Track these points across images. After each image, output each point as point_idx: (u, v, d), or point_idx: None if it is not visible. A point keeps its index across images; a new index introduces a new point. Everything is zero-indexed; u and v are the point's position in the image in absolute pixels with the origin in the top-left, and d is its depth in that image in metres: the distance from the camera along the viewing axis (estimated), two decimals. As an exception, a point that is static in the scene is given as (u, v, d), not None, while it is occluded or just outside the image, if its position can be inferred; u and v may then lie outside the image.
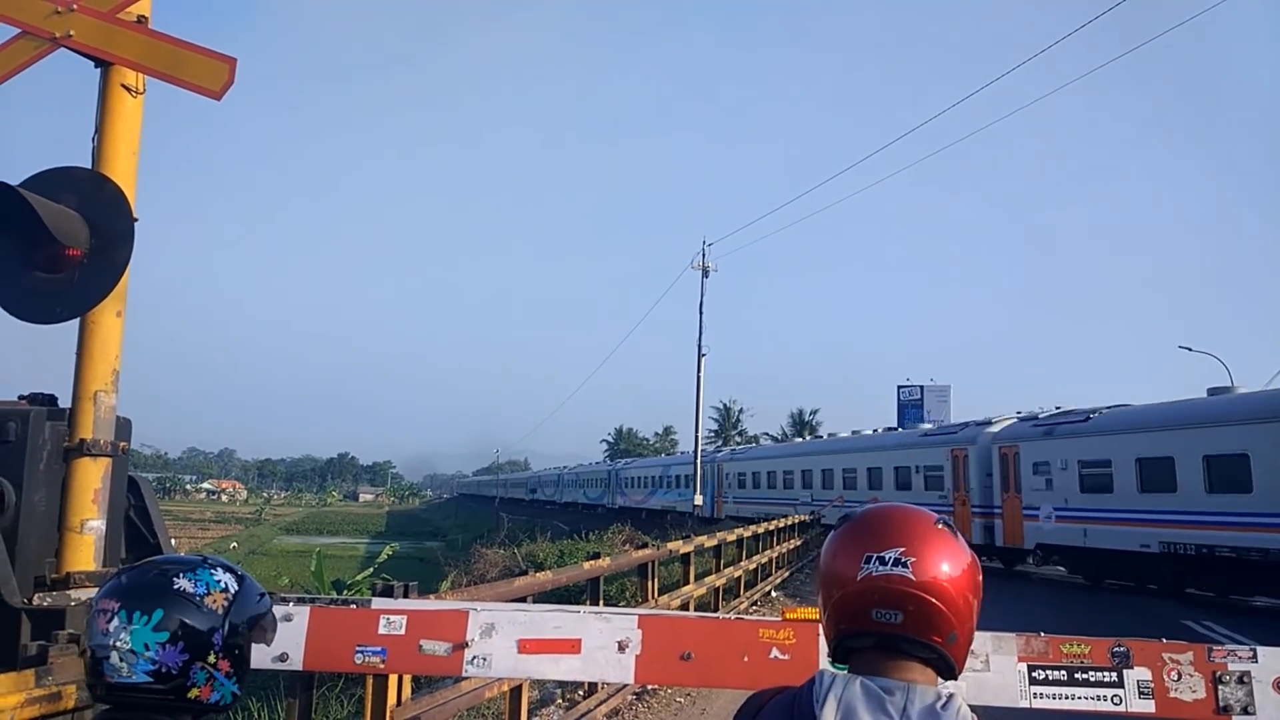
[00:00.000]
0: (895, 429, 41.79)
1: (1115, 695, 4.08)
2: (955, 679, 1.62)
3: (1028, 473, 24.16)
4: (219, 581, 1.78)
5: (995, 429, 26.85)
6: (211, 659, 1.73)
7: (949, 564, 1.58)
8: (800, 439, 58.33)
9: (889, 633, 1.57)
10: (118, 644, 1.66)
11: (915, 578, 1.55)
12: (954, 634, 1.58)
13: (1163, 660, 4.13)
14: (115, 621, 1.67)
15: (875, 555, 1.58)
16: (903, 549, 1.57)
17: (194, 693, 1.72)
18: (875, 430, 40.21)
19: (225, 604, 1.77)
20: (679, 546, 13.09)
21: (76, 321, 4.26)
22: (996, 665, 4.11)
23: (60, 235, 3.99)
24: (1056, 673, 4.12)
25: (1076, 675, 4.13)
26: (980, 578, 1.64)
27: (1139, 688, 4.09)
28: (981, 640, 4.13)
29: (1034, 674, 4.12)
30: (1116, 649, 4.15)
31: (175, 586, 1.72)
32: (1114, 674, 4.12)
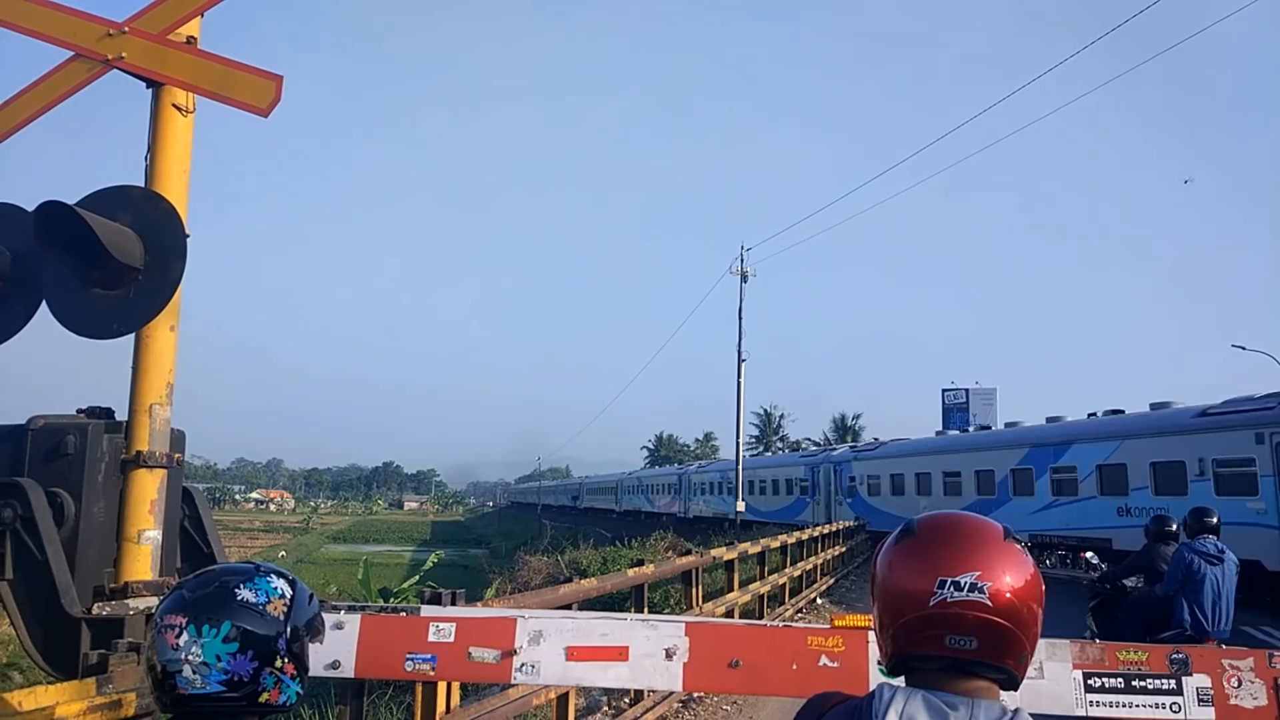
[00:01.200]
0: None
1: (1174, 703, 4.01)
2: (1016, 690, 1.58)
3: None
4: (276, 589, 1.85)
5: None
6: (278, 663, 1.81)
7: (1020, 582, 1.52)
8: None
9: (961, 658, 1.51)
10: (189, 657, 1.72)
11: (992, 604, 1.49)
12: (1025, 654, 1.53)
13: (1222, 667, 4.06)
14: (184, 636, 1.73)
15: (950, 580, 1.50)
16: (979, 572, 1.50)
17: (264, 697, 1.79)
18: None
19: (285, 610, 1.84)
20: (723, 553, 13.05)
21: (132, 336, 4.35)
22: (1051, 673, 4.07)
23: (117, 252, 4.07)
24: (1113, 680, 4.06)
25: (1134, 683, 4.06)
26: (1043, 587, 1.58)
27: (1198, 695, 4.02)
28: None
29: (1090, 682, 4.06)
30: (1175, 656, 4.09)
31: (238, 597, 1.79)
32: (1172, 681, 4.05)
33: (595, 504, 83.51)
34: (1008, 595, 1.50)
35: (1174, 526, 9.16)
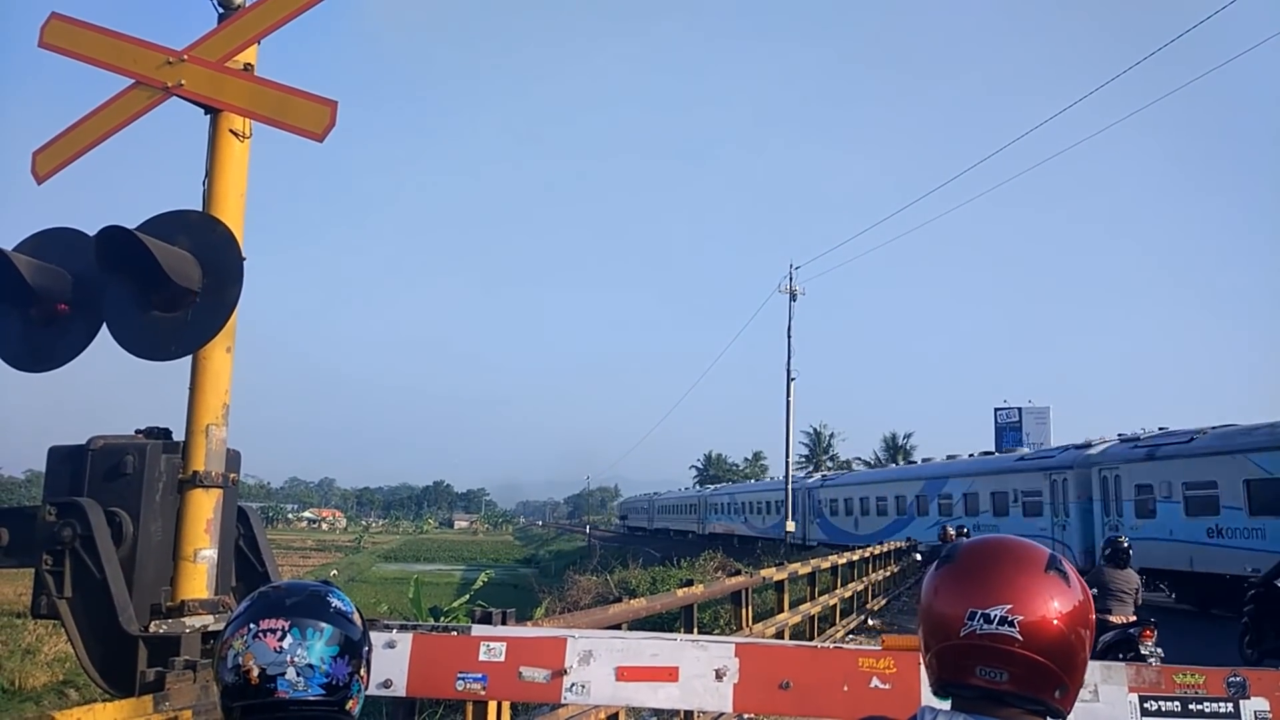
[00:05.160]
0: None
1: (1233, 727, 3.91)
2: None
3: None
4: (350, 601, 1.87)
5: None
6: (362, 671, 1.83)
7: (1060, 616, 1.47)
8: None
9: (994, 690, 1.48)
10: (294, 660, 1.72)
11: (1023, 638, 1.45)
12: (1065, 687, 1.49)
13: None
14: (289, 639, 1.73)
15: (980, 612, 1.47)
16: (1009, 605, 1.46)
17: (349, 704, 1.80)
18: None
19: (362, 621, 1.87)
20: (773, 574, 12.96)
21: (189, 358, 4.43)
22: (1106, 696, 3.97)
23: (175, 276, 4.15)
24: (1169, 704, 3.95)
25: (1190, 706, 3.95)
26: (1092, 615, 1.54)
27: (1256, 718, 3.91)
28: (1090, 669, 3.97)
29: (1146, 705, 3.96)
30: (1232, 679, 3.98)
31: (332, 605, 1.81)
32: (1230, 705, 3.94)
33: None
34: (1042, 629, 1.46)
35: None
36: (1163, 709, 3.96)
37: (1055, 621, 1.47)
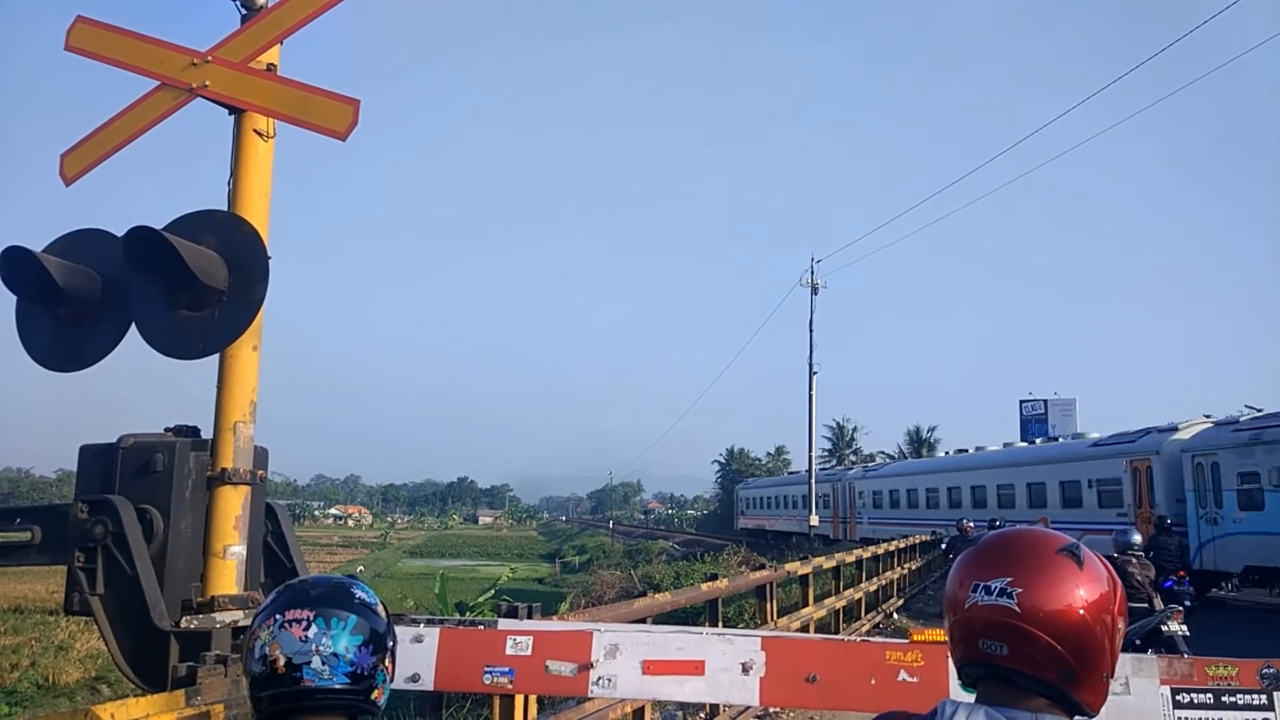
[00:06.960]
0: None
1: (1265, 719, 3.87)
2: (1089, 719, 1.54)
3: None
4: (374, 594, 1.91)
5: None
6: (387, 662, 1.86)
7: (1066, 594, 1.50)
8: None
9: (997, 664, 1.52)
10: (319, 649, 1.75)
11: (1019, 609, 1.49)
12: (1069, 670, 1.50)
13: None
14: (314, 629, 1.76)
15: (982, 584, 1.54)
16: (1010, 578, 1.52)
17: (375, 694, 1.83)
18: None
19: (385, 613, 1.90)
20: (797, 568, 12.94)
21: (216, 356, 4.46)
22: (1137, 688, 3.95)
23: (202, 275, 4.18)
24: (1202, 696, 3.92)
25: (1223, 699, 3.92)
26: (1109, 603, 1.55)
27: None
28: (1121, 662, 3.95)
29: (1178, 698, 3.93)
30: (1265, 670, 3.94)
31: (356, 597, 1.85)
32: (1264, 696, 3.90)
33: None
34: (1041, 603, 1.50)
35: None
36: (1195, 701, 3.93)
37: (1061, 599, 1.50)
